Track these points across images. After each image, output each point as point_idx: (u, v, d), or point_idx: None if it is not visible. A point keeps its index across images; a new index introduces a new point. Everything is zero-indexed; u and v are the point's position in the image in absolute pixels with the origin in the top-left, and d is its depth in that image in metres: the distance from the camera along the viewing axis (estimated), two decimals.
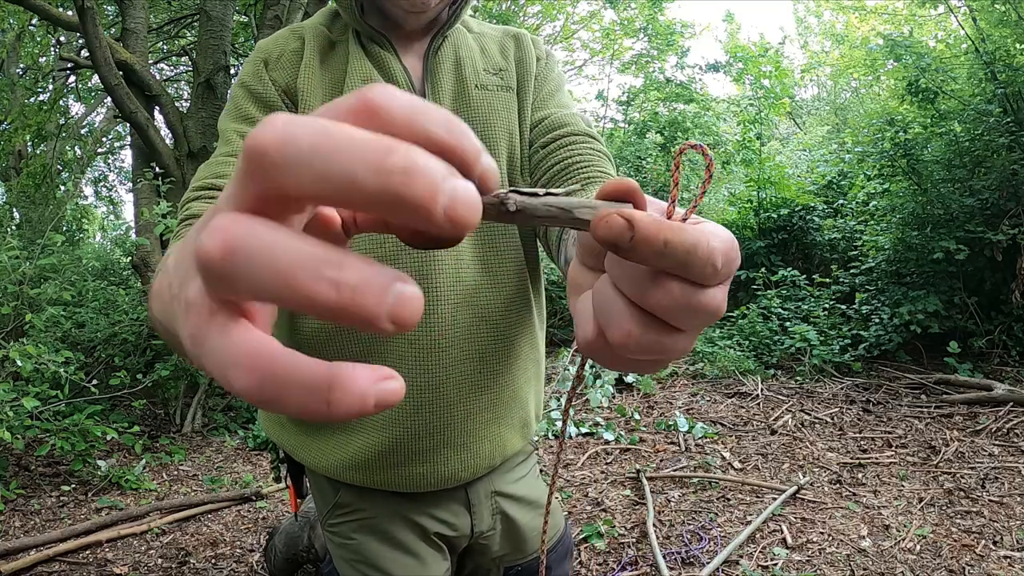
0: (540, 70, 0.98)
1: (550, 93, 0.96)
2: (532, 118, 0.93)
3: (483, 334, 0.89)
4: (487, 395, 0.91)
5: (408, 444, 0.88)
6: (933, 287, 5.12)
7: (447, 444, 0.90)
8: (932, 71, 5.31)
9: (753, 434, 3.86)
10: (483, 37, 0.99)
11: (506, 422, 0.94)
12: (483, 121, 0.91)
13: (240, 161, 0.23)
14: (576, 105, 1.03)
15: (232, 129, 0.85)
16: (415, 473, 0.90)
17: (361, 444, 0.89)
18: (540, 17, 11.99)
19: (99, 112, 12.39)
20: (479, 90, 0.92)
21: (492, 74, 0.95)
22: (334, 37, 0.92)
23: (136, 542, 2.70)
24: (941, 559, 2.40)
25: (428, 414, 0.87)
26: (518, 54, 0.98)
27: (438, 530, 0.95)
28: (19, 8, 5.97)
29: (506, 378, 0.93)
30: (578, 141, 0.87)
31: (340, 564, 0.96)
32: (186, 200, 0.82)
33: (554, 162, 0.86)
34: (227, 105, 0.89)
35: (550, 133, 0.90)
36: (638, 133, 8.94)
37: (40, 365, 3.16)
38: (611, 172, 0.84)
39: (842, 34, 12.34)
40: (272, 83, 0.87)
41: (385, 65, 0.90)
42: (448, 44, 0.94)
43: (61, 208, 8.36)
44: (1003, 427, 3.65)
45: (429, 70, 0.91)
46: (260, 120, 0.83)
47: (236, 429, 4.13)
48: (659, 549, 2.49)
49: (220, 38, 5.17)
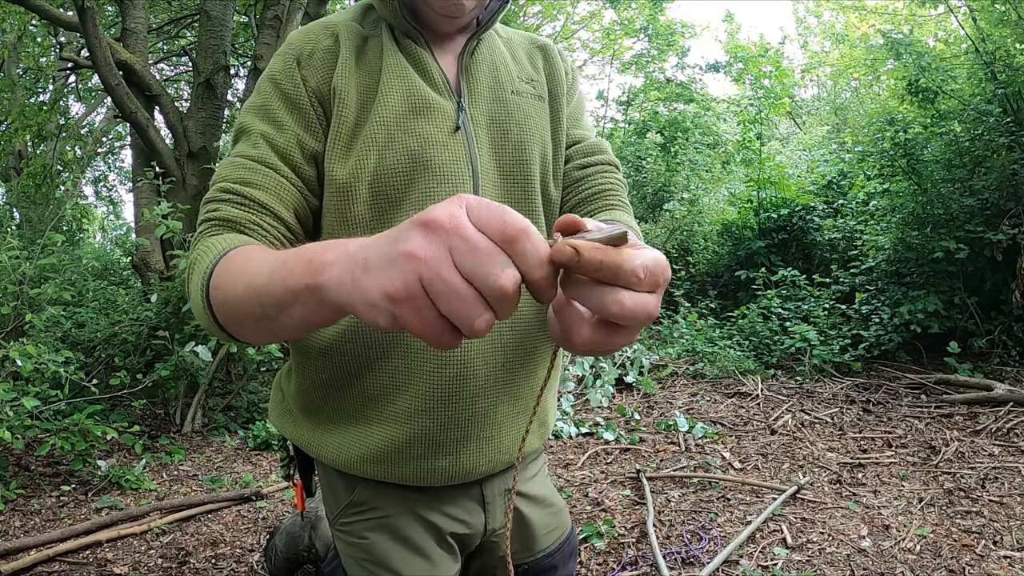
0: (570, 84, 1.03)
1: (580, 112, 1.05)
2: (570, 134, 1.01)
3: (507, 328, 0.89)
4: (510, 388, 0.92)
5: (431, 436, 0.88)
6: (933, 287, 5.12)
7: (470, 437, 0.90)
8: (932, 71, 5.31)
9: (753, 434, 3.86)
10: (512, 44, 1.01)
11: (525, 417, 0.95)
12: (519, 125, 0.93)
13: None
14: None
15: (259, 131, 0.84)
16: (437, 466, 0.90)
17: (383, 436, 0.89)
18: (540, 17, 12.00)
19: (99, 112, 12.41)
20: (515, 95, 0.94)
21: (525, 82, 0.96)
22: (366, 32, 0.91)
23: (136, 542, 2.70)
24: (941, 559, 2.40)
25: (453, 406, 0.88)
26: (548, 68, 1.01)
27: (453, 529, 0.95)
28: (19, 8, 5.97)
29: (527, 373, 0.94)
30: (608, 171, 1.00)
31: (349, 564, 0.96)
32: (211, 199, 0.81)
33: (589, 186, 0.99)
34: (254, 97, 0.88)
35: (587, 157, 1.00)
36: (638, 133, 8.95)
37: (40, 365, 3.16)
38: (626, 199, 1.00)
39: (842, 34, 12.35)
40: (303, 82, 0.86)
41: (421, 62, 0.90)
42: (483, 47, 0.95)
43: (61, 208, 8.37)
44: (1003, 427, 3.65)
45: (464, 69, 0.92)
46: (285, 124, 0.85)
47: (236, 429, 4.13)
48: (659, 549, 2.49)
49: (220, 38, 5.18)
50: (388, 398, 0.88)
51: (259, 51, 5.16)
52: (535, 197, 0.94)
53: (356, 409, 0.90)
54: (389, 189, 0.85)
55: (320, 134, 0.86)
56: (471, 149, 0.88)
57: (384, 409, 0.89)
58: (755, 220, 7.05)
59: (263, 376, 4.53)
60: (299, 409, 0.97)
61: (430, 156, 0.86)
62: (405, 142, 0.85)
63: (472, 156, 0.88)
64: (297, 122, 0.85)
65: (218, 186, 0.82)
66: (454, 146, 0.87)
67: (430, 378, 0.86)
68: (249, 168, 0.82)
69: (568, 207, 0.99)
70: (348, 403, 0.91)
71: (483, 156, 0.90)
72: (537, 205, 0.94)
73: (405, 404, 0.88)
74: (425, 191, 0.85)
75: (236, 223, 0.78)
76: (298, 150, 0.84)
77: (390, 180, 0.85)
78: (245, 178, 0.82)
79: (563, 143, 0.99)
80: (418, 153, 0.85)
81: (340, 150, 0.85)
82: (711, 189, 8.41)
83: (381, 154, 0.84)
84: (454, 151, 0.87)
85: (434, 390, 0.87)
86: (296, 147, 0.84)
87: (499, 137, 0.92)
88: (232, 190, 0.81)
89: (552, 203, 0.97)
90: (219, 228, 0.79)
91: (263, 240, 0.80)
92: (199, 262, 0.73)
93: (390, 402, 0.88)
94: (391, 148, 0.85)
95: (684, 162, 8.28)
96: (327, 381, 0.91)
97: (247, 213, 0.79)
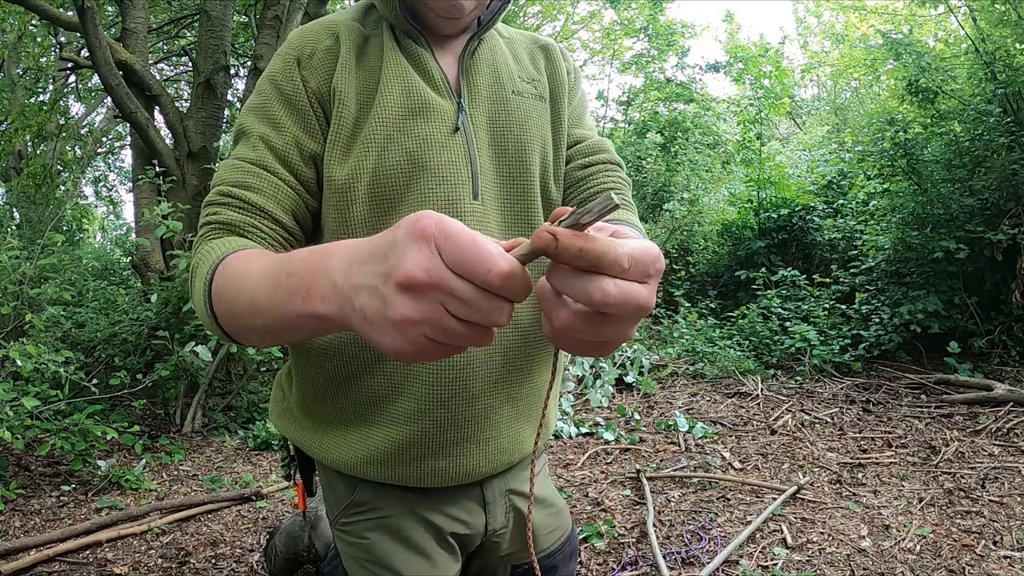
0: (572, 84, 1.03)
1: (582, 112, 1.05)
2: (571, 134, 1.01)
3: (507, 329, 0.89)
4: (509, 390, 0.92)
5: (431, 438, 0.88)
6: (933, 287, 5.12)
7: (469, 438, 0.90)
8: (932, 71, 5.31)
9: (753, 434, 3.86)
10: (513, 43, 1.01)
11: (525, 418, 0.95)
12: (519, 126, 0.93)
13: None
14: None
15: (258, 134, 0.85)
16: (437, 467, 0.90)
17: (383, 438, 0.89)
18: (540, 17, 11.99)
19: (99, 112, 12.41)
20: (515, 96, 0.94)
21: (526, 82, 0.97)
22: (367, 31, 0.92)
23: (136, 542, 2.70)
24: (941, 559, 2.40)
25: (453, 407, 0.88)
26: (549, 67, 1.01)
27: (453, 529, 0.95)
28: (19, 8, 5.97)
29: (527, 375, 0.94)
30: (612, 170, 1.00)
31: (349, 564, 0.96)
32: (210, 202, 0.82)
33: (591, 185, 0.99)
34: (254, 97, 0.88)
35: (589, 156, 1.00)
36: (638, 133, 8.94)
37: (40, 365, 3.16)
38: (629, 197, 1.00)
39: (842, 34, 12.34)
40: (303, 83, 0.86)
41: (421, 62, 0.90)
42: (484, 47, 0.95)
43: (61, 208, 8.36)
44: (1003, 427, 3.65)
45: (465, 70, 0.92)
46: (284, 125, 0.85)
47: (236, 429, 4.13)
48: (659, 549, 2.49)
49: (220, 38, 5.18)
50: (387, 400, 0.88)
51: (259, 51, 5.16)
52: (534, 198, 0.94)
53: (356, 411, 0.90)
54: (388, 190, 0.85)
55: (319, 135, 0.86)
56: (470, 150, 0.88)
57: (384, 411, 0.89)
58: (755, 220, 7.05)
59: (263, 376, 4.53)
60: (299, 410, 0.97)
61: (429, 157, 0.86)
62: (404, 143, 0.85)
63: (471, 157, 0.88)
64: (296, 124, 0.85)
65: (217, 189, 0.83)
66: (453, 147, 0.87)
67: (429, 380, 0.86)
68: (247, 171, 0.83)
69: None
70: (348, 405, 0.91)
71: (482, 157, 0.90)
72: (536, 206, 0.94)
73: (405, 406, 0.88)
74: (424, 192, 0.85)
75: (235, 226, 0.79)
76: (296, 152, 0.85)
77: (388, 181, 0.85)
78: (243, 181, 0.82)
79: (564, 143, 0.99)
80: (416, 154, 0.85)
81: (339, 151, 0.85)
82: (711, 189, 8.40)
83: (379, 155, 0.84)
84: (453, 152, 0.87)
85: (434, 392, 0.87)
86: (295, 149, 0.84)
87: (499, 138, 0.92)
88: (231, 193, 0.81)
89: (553, 203, 0.97)
90: (219, 231, 0.80)
91: (262, 243, 0.80)
92: (200, 267, 0.75)
93: (390, 404, 0.88)
94: (389, 149, 0.85)
95: (684, 162, 8.28)
96: (326, 383, 0.91)
97: (245, 216, 0.80)
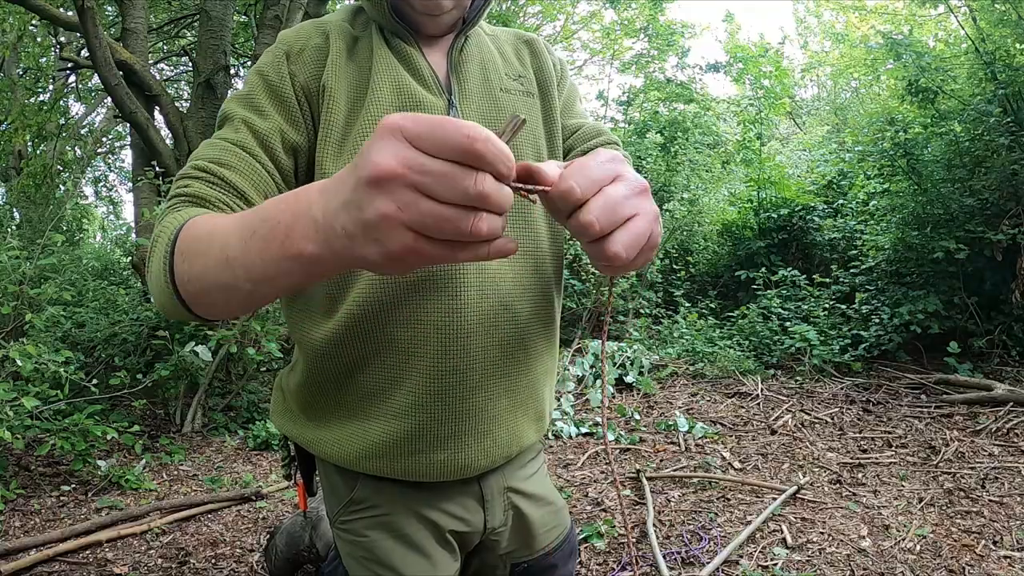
0: (559, 77, 1.04)
1: (573, 101, 1.06)
2: (565, 125, 1.03)
3: (505, 322, 0.90)
4: (507, 382, 0.92)
5: (429, 430, 0.89)
6: (933, 287, 5.12)
7: (467, 431, 0.90)
8: (932, 71, 5.31)
9: (753, 434, 3.86)
10: (499, 40, 1.02)
11: (523, 411, 0.96)
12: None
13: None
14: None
15: (240, 117, 0.85)
16: (435, 460, 0.90)
17: (381, 431, 0.89)
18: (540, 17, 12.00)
19: (99, 112, 12.41)
20: (504, 93, 0.95)
21: (513, 79, 0.98)
22: (356, 32, 0.93)
23: (136, 542, 2.70)
24: (941, 559, 2.40)
25: (451, 400, 0.88)
26: (535, 61, 1.02)
27: (452, 527, 0.95)
28: (19, 8, 5.97)
29: (524, 367, 0.94)
30: (611, 147, 1.00)
31: (349, 562, 0.96)
32: (184, 175, 0.80)
33: None
34: (241, 87, 0.90)
35: (588, 141, 1.02)
36: (638, 133, 8.93)
37: (40, 365, 3.16)
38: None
39: (842, 34, 12.34)
40: (291, 76, 0.87)
41: (410, 60, 0.91)
42: (471, 43, 0.96)
43: (61, 208, 8.36)
44: (1003, 427, 3.65)
45: (454, 67, 0.93)
46: (269, 113, 0.85)
47: (236, 429, 4.13)
48: (659, 549, 2.49)
49: (220, 38, 5.17)
50: (385, 393, 0.89)
51: (259, 51, 5.16)
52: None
53: (354, 405, 0.91)
54: None
55: (303, 128, 0.87)
56: None
57: (381, 405, 0.89)
58: (755, 220, 7.05)
59: (263, 376, 4.53)
60: (299, 407, 0.98)
61: None
62: None
63: None
64: (280, 113, 0.86)
65: (192, 163, 0.81)
66: None
67: (427, 373, 0.87)
68: (226, 149, 0.82)
69: None
70: (346, 399, 0.91)
71: None
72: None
73: (402, 399, 0.88)
74: None
75: (205, 200, 0.77)
76: (279, 140, 0.85)
77: None
78: (220, 159, 0.81)
79: (558, 135, 1.00)
80: None
81: (332, 148, 0.86)
82: (711, 189, 8.40)
83: None
84: None
85: (431, 385, 0.87)
86: (277, 136, 0.85)
87: None
88: (206, 168, 0.80)
89: None
90: (187, 203, 0.77)
91: None
92: (162, 236, 0.71)
93: (387, 397, 0.89)
94: None
95: (684, 162, 8.27)
96: (324, 377, 0.91)
97: (218, 192, 0.78)
